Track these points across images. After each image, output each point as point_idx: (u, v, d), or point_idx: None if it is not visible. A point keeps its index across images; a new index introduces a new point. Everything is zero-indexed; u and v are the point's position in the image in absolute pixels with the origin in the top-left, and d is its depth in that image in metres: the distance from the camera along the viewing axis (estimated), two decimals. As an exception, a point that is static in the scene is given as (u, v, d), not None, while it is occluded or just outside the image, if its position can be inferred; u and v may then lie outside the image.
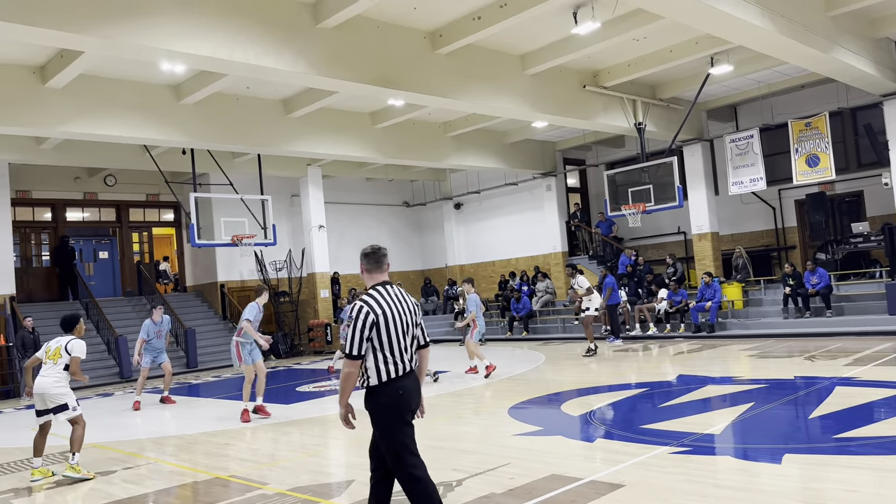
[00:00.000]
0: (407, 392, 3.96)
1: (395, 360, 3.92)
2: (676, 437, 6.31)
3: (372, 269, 4.11)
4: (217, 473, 6.52)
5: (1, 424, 11.42)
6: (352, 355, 3.86)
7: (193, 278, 20.98)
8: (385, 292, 4.00)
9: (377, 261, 4.11)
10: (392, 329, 3.91)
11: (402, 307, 4.01)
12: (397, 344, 3.92)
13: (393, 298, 3.98)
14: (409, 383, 3.99)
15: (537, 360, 13.48)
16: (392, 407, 3.89)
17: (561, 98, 14.16)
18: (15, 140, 14.53)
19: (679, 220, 18.61)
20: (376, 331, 3.89)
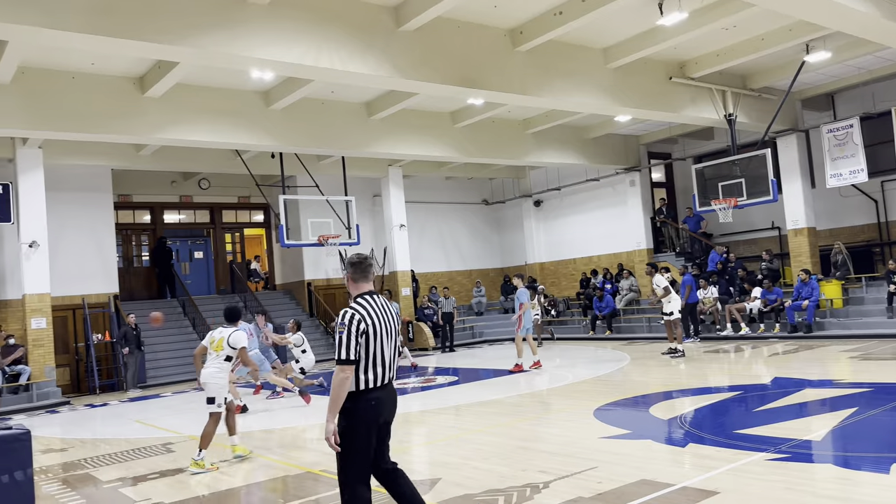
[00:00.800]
0: (379, 403, 3.92)
1: (377, 370, 3.89)
2: (773, 443, 6.06)
3: (358, 279, 4.09)
4: (308, 468, 6.72)
5: (107, 416, 12.16)
6: (348, 360, 3.79)
7: (282, 277, 21.69)
8: (373, 301, 3.99)
9: (363, 270, 4.10)
10: (379, 339, 3.90)
11: (388, 317, 4.02)
12: (381, 354, 3.91)
13: (380, 308, 3.98)
14: (385, 394, 3.95)
15: (622, 361, 13.22)
16: (360, 416, 3.85)
17: (646, 91, 13.81)
18: (117, 147, 15.42)
19: (773, 215, 17.82)
20: (365, 339, 3.86)
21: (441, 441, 7.56)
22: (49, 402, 13.80)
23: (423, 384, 12.42)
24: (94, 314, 16.58)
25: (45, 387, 14.10)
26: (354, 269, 4.09)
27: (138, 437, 9.34)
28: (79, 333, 16.44)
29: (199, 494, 6.12)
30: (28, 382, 13.92)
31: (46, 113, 11.72)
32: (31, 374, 13.99)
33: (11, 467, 2.90)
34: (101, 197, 17.26)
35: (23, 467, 2.91)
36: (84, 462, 7.98)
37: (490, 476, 5.82)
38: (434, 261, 22.66)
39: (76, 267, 16.33)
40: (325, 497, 5.67)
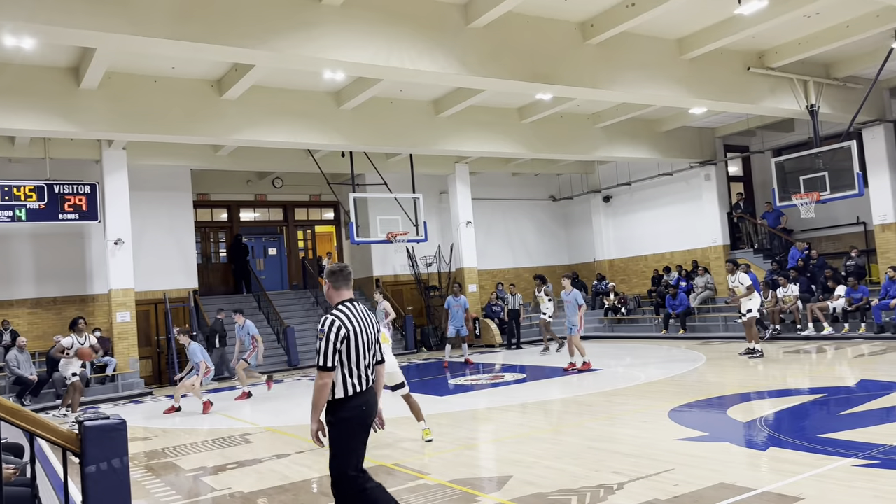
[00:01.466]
0: (369, 407, 4.08)
1: (360, 375, 4.04)
2: (860, 449, 5.79)
3: (340, 287, 4.24)
4: (382, 461, 6.83)
5: (186, 406, 12.64)
6: (326, 367, 3.95)
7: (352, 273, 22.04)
8: (353, 309, 4.14)
9: (344, 278, 4.25)
10: (360, 345, 4.05)
11: (367, 324, 4.17)
12: (363, 360, 4.06)
13: (359, 315, 4.13)
14: (371, 398, 4.11)
15: (697, 361, 12.88)
16: (353, 421, 4.01)
17: (722, 82, 13.39)
18: (196, 148, 16.02)
19: (858, 210, 17.00)
20: (346, 345, 4.00)
21: (510, 439, 7.54)
22: (133, 392, 14.48)
23: (491, 381, 12.43)
24: (174, 308, 17.28)
25: (129, 378, 14.80)
26: (335, 278, 4.24)
27: (217, 428, 9.69)
28: (160, 327, 17.16)
29: (275, 485, 6.31)
30: (114, 373, 14.63)
31: (130, 116, 12.28)
32: (116, 365, 14.70)
33: (109, 455, 3.06)
34: (181, 196, 17.95)
35: (120, 455, 3.07)
36: (166, 451, 8.34)
37: (562, 475, 5.77)
38: (500, 257, 22.61)
39: (158, 263, 17.05)
40: (397, 490, 5.74)
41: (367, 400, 4.08)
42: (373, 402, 4.14)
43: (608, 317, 20.36)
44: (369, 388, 4.12)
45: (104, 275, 15.53)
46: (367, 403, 4.07)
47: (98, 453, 3.02)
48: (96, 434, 3.05)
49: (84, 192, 14.75)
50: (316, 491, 6.04)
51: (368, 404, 4.09)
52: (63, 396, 12.12)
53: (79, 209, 14.72)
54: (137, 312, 15.58)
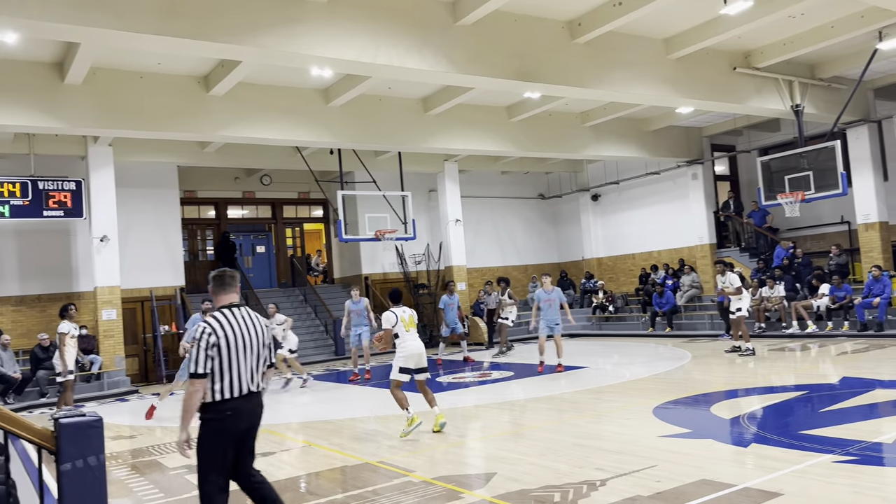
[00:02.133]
0: (236, 414, 3.99)
1: (233, 381, 3.98)
2: (840, 445, 5.85)
3: (218, 292, 4.21)
4: (366, 458, 6.82)
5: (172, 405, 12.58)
6: (197, 374, 3.93)
7: (340, 271, 22.02)
8: (231, 315, 4.09)
9: (223, 284, 4.21)
10: (234, 351, 3.99)
11: (248, 329, 4.10)
12: (237, 365, 3.99)
13: (238, 320, 4.08)
14: (243, 405, 4.02)
15: (683, 359, 12.95)
16: (215, 426, 3.95)
17: (709, 81, 13.47)
18: (183, 144, 15.93)
19: (842, 209, 17.14)
20: (217, 351, 3.96)
21: (496, 436, 7.56)
22: (118, 390, 14.40)
23: (479, 378, 12.44)
24: (161, 306, 17.18)
25: (115, 376, 14.71)
26: (214, 283, 4.23)
27: (203, 426, 9.62)
28: (147, 325, 17.07)
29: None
30: (99, 371, 14.53)
31: (116, 112, 12.19)
32: (101, 363, 14.60)
33: (85, 452, 3.04)
34: (168, 193, 17.84)
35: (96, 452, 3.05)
36: (151, 449, 8.30)
37: (546, 472, 5.79)
38: (489, 255, 22.62)
39: (144, 260, 16.94)
40: (382, 488, 5.75)
41: (235, 406, 3.98)
42: (244, 409, 4.03)
43: (596, 315, 20.43)
44: (243, 395, 4.02)
45: (90, 272, 15.42)
46: (234, 410, 3.98)
47: (74, 451, 3.00)
48: (72, 431, 3.03)
49: (69, 188, 14.63)
50: (304, 490, 6.03)
51: (237, 411, 3.99)
52: (59, 398, 11.36)
53: (64, 206, 14.60)
54: (124, 310, 15.48)
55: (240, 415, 4.02)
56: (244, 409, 4.04)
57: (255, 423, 4.16)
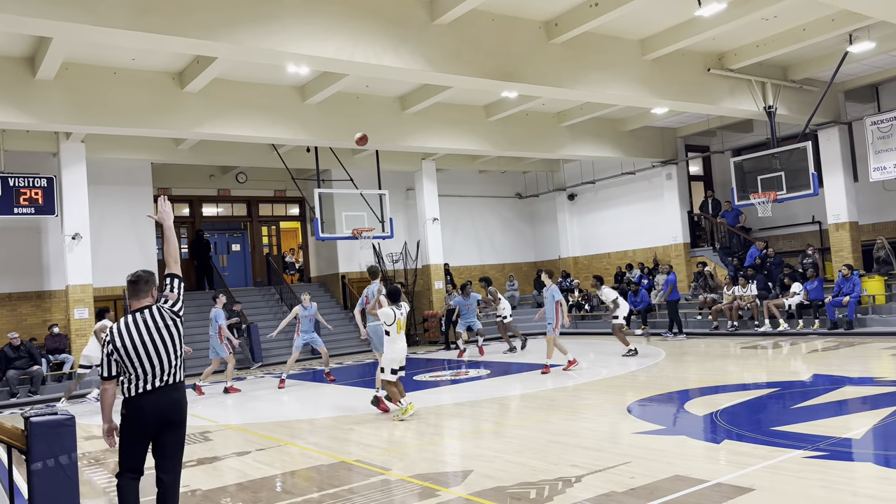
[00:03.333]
0: (149, 407, 4.24)
1: (139, 379, 4.25)
2: (811, 441, 5.96)
3: (131, 297, 4.46)
4: (342, 457, 6.80)
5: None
6: (104, 376, 4.30)
7: (317, 269, 21.92)
8: (133, 319, 4.33)
9: (135, 289, 4.44)
10: (133, 353, 4.24)
11: (151, 330, 4.31)
12: (140, 366, 4.24)
13: (140, 324, 4.31)
14: (153, 400, 4.26)
15: (657, 356, 13.09)
16: (128, 420, 4.22)
17: (683, 82, 13.62)
18: (156, 141, 15.74)
19: (814, 209, 17.44)
20: (118, 355, 4.26)
21: (472, 434, 7.58)
22: (90, 390, 14.17)
23: (454, 377, 12.46)
24: (134, 305, 16.95)
25: (88, 375, 14.46)
26: (129, 288, 4.48)
27: (177, 426, 9.52)
28: (120, 324, 16.81)
29: (235, 482, 6.24)
30: (71, 371, 14.31)
31: (89, 108, 12.01)
32: (73, 362, 14.38)
33: (57, 451, 3.00)
34: (142, 190, 17.61)
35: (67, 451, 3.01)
36: (125, 448, 8.18)
37: (522, 469, 5.82)
38: (467, 254, 22.67)
39: (117, 259, 16.69)
40: (358, 486, 5.74)
41: (144, 403, 4.23)
42: (161, 401, 4.27)
43: (572, 313, 20.55)
44: (159, 388, 4.26)
45: (61, 270, 15.17)
46: (145, 405, 4.23)
47: (45, 449, 2.96)
48: (43, 430, 2.99)
49: (41, 185, 14.37)
50: (280, 489, 6.00)
51: (148, 406, 4.23)
52: (70, 385, 12.73)
53: (35, 203, 14.33)
54: (96, 309, 15.23)
55: (154, 408, 4.25)
56: (155, 403, 4.26)
57: (173, 418, 4.32)
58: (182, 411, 4.36)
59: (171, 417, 4.29)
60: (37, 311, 15.79)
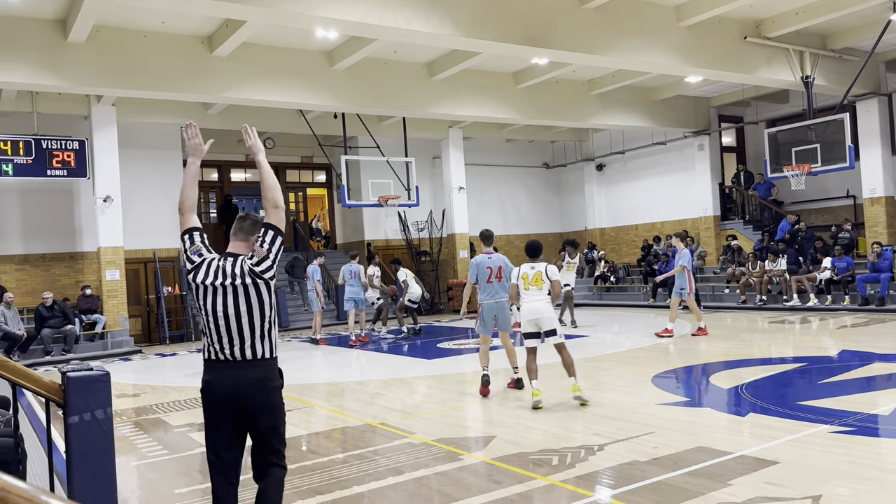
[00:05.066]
0: (218, 383, 3.26)
1: (211, 342, 3.29)
2: (837, 416, 5.90)
3: (231, 236, 3.51)
4: (367, 420, 6.90)
5: (177, 365, 12.72)
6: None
7: (343, 236, 22.05)
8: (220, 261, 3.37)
9: (236, 227, 3.49)
10: (204, 300, 3.29)
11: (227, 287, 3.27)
12: (210, 322, 3.28)
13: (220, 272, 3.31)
14: (228, 375, 3.24)
15: (683, 329, 13.01)
16: (202, 391, 3.33)
17: (719, 51, 13.30)
18: (186, 106, 15.81)
19: (848, 183, 17.06)
20: (195, 289, 3.33)
21: (495, 401, 7.63)
22: (122, 350, 14.53)
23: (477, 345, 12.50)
24: (164, 267, 17.24)
25: (119, 336, 14.82)
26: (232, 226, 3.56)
27: (206, 386, 9.73)
28: (150, 286, 17.14)
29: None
30: (103, 331, 14.65)
31: (119, 71, 12.08)
32: (105, 323, 14.71)
33: (93, 406, 3.08)
34: (171, 154, 17.77)
35: (103, 406, 3.09)
36: (155, 407, 8.40)
37: (545, 436, 5.86)
38: (492, 224, 22.43)
39: (147, 222, 16.94)
40: (382, 448, 5.83)
41: (210, 378, 3.28)
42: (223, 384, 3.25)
43: (597, 285, 20.48)
44: (222, 364, 3.26)
45: (93, 232, 15.44)
46: (211, 381, 3.28)
47: (81, 403, 3.04)
48: (79, 385, 3.06)
49: (72, 147, 14.58)
50: (305, 449, 6.11)
51: (212, 384, 3.27)
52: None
53: (67, 165, 14.56)
54: (127, 271, 15.55)
55: (218, 384, 3.27)
56: (223, 379, 3.26)
57: (248, 404, 3.24)
58: (261, 396, 3.24)
59: (246, 403, 3.23)
60: (69, 272, 16.13)
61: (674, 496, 4.25)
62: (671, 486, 4.45)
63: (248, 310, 3.23)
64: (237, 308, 3.23)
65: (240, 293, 3.24)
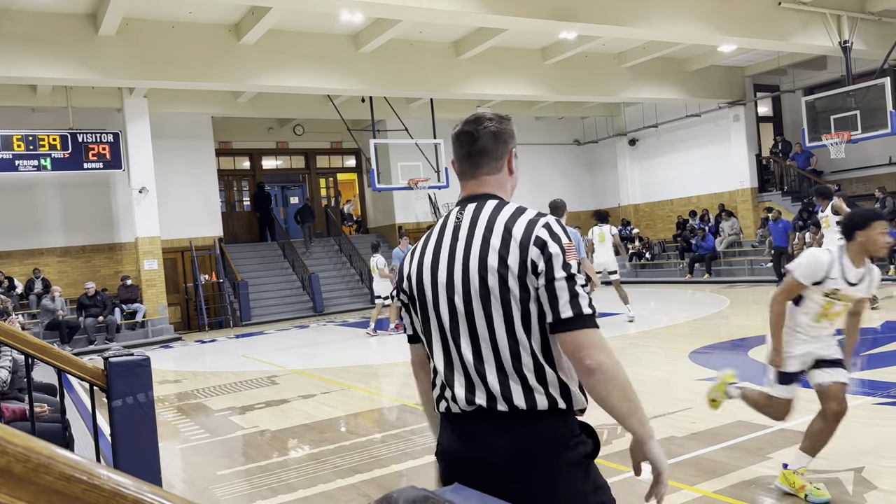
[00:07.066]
0: (448, 456, 1.79)
1: (438, 373, 1.80)
2: (881, 388, 5.77)
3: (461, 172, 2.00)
4: (404, 400, 6.96)
5: (216, 351, 12.96)
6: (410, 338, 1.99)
7: (374, 220, 22.14)
8: (444, 223, 1.87)
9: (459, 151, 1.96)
10: (429, 303, 1.80)
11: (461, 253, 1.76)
12: (437, 336, 1.79)
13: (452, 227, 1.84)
14: (459, 446, 1.75)
15: (721, 304, 12.82)
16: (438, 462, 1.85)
17: (753, 17, 12.94)
18: (216, 95, 15.97)
19: (891, 150, 16.53)
20: (409, 303, 1.88)
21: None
22: (162, 338, 14.84)
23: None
24: (200, 256, 17.53)
25: (159, 324, 15.14)
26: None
27: (245, 371, 9.92)
28: (188, 274, 17.45)
29: (301, 423, 6.47)
30: (143, 319, 14.98)
31: (149, 62, 12.24)
32: (145, 311, 15.04)
33: (135, 389, 3.15)
34: (203, 144, 17.99)
35: (145, 390, 3.16)
36: (196, 392, 8.57)
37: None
38: (523, 203, 22.26)
39: (183, 212, 17.22)
40: (419, 428, 5.87)
41: (446, 444, 1.79)
42: (464, 455, 1.74)
43: (632, 262, 20.27)
44: (469, 413, 1.73)
45: (130, 223, 15.75)
46: (445, 450, 1.80)
47: (123, 388, 3.11)
48: (121, 370, 3.13)
49: (107, 140, 14.85)
50: (344, 430, 6.19)
51: (449, 453, 1.78)
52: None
53: (103, 158, 14.84)
54: (165, 260, 15.84)
55: (453, 461, 1.78)
56: (463, 454, 1.75)
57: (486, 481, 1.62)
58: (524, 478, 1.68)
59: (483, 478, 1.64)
60: (109, 263, 16.50)
61: (712, 470, 4.21)
62: (710, 460, 4.40)
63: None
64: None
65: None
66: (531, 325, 1.71)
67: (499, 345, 1.72)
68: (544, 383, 1.73)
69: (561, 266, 1.70)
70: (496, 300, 1.72)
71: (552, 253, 1.71)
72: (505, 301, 1.71)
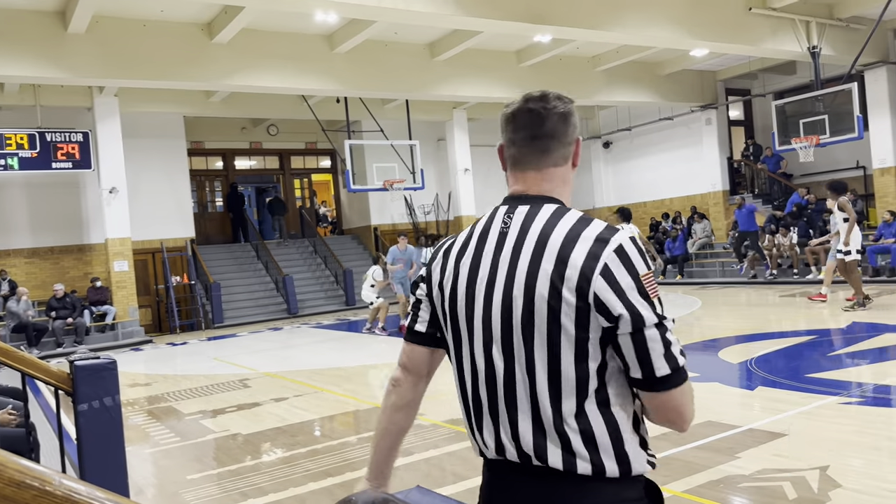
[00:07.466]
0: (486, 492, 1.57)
1: (470, 416, 1.58)
2: (846, 388, 5.89)
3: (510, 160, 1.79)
4: (378, 403, 6.94)
5: (187, 353, 12.81)
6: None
7: (349, 221, 22.06)
8: (482, 228, 1.66)
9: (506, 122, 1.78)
10: (457, 320, 1.57)
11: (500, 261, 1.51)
12: (468, 366, 1.55)
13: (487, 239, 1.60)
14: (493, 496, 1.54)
15: (693, 305, 12.98)
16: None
17: (724, 22, 13.12)
18: (188, 94, 15.79)
19: (858, 154, 16.87)
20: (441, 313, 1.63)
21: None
22: (133, 340, 14.64)
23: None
24: (172, 257, 17.31)
25: (129, 326, 14.93)
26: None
27: (217, 374, 9.82)
28: (158, 276, 17.23)
29: (274, 427, 6.42)
30: (113, 322, 14.75)
31: (120, 61, 12.07)
32: (115, 314, 14.81)
33: (101, 393, 3.11)
34: (175, 144, 17.78)
35: (111, 393, 3.11)
36: (167, 395, 8.46)
37: (554, 414, 5.86)
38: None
39: (154, 212, 16.99)
40: (392, 431, 5.85)
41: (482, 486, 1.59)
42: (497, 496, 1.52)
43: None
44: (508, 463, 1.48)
45: (100, 224, 15.49)
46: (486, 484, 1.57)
47: (90, 391, 3.06)
48: (87, 373, 3.09)
49: (77, 139, 14.59)
50: (317, 433, 6.15)
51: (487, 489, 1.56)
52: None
53: (72, 158, 14.59)
54: (135, 261, 15.61)
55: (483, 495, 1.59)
56: (483, 489, 1.59)
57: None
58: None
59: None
60: (78, 264, 16.23)
61: (682, 470, 4.26)
62: (679, 460, 4.45)
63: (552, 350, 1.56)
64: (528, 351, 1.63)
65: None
66: (588, 375, 1.39)
67: (538, 391, 1.40)
68: (594, 448, 1.40)
69: (646, 307, 1.38)
70: (541, 337, 1.39)
71: (625, 288, 1.37)
72: (553, 340, 1.38)
